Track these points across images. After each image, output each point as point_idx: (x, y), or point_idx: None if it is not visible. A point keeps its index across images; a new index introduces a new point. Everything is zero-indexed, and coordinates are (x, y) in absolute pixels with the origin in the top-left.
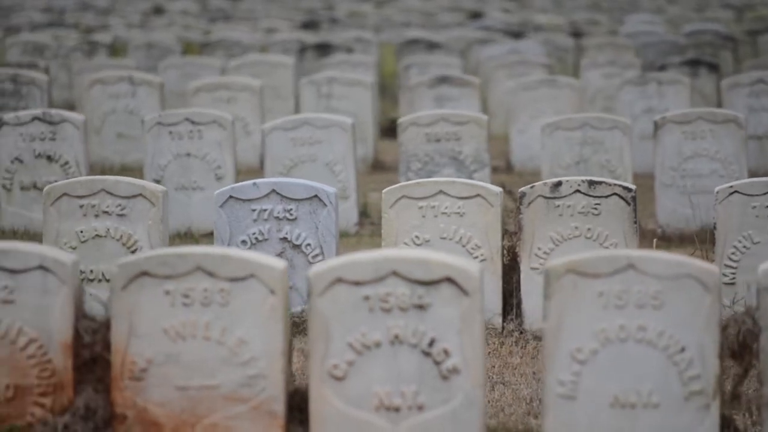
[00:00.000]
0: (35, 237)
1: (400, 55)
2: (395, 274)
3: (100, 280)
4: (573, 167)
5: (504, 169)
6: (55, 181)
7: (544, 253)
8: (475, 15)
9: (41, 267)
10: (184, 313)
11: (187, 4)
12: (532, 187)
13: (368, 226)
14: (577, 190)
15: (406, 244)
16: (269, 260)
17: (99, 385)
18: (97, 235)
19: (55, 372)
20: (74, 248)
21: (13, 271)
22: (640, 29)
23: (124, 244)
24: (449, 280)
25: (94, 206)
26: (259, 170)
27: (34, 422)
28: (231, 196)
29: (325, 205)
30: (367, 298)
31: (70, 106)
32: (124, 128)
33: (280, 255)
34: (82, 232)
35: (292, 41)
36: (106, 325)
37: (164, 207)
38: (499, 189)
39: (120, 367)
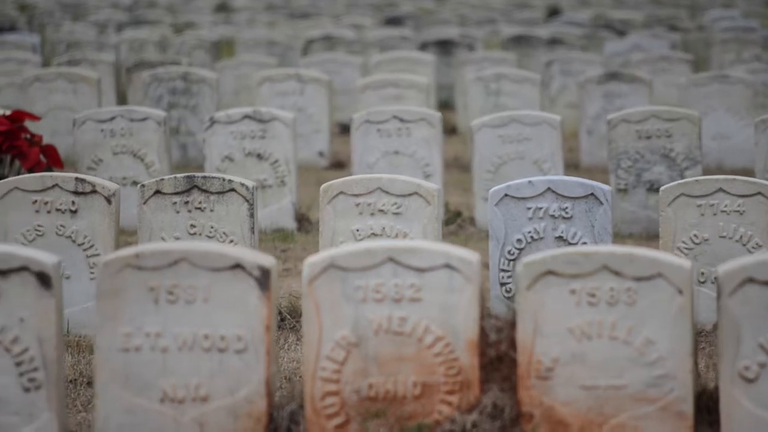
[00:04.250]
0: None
1: (508, 51)
2: None
3: None
4: None
5: None
6: (265, 180)
7: None
8: (554, 12)
9: (447, 265)
10: (589, 312)
11: (246, 1)
12: None
13: None
14: None
15: (683, 242)
16: (677, 260)
17: (505, 384)
18: (373, 234)
19: (462, 370)
20: None
21: (419, 270)
22: (732, 24)
23: None
24: None
25: (370, 205)
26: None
27: (441, 420)
28: (506, 195)
29: (601, 203)
30: None
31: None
32: None
33: None
34: (358, 230)
35: (394, 38)
36: (511, 323)
37: (439, 205)
38: None
39: (526, 366)
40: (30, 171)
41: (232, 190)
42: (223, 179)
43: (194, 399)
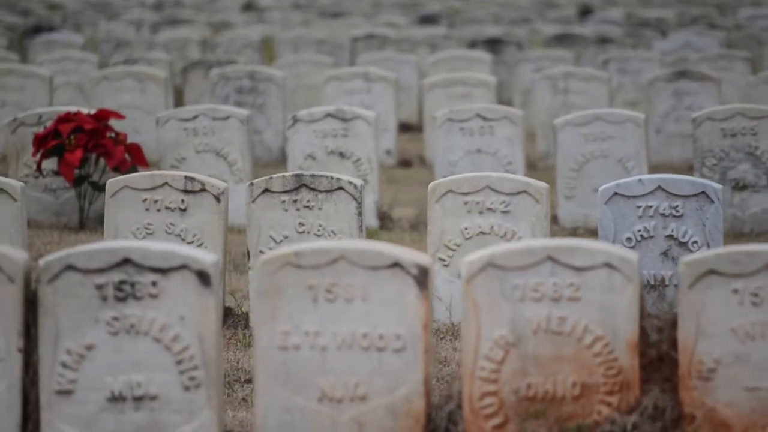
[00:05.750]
0: None
1: (550, 49)
2: None
3: None
4: None
5: None
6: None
7: None
8: (586, 10)
9: (607, 264)
10: (753, 312)
11: (272, 0)
12: None
13: None
14: None
15: None
16: None
17: (665, 385)
18: (481, 232)
19: (622, 370)
20: (458, 245)
21: (579, 269)
22: None
23: (507, 242)
24: None
25: (478, 203)
26: None
27: (600, 421)
28: (616, 193)
29: (712, 201)
30: None
31: None
32: None
33: (665, 253)
34: (466, 229)
35: (438, 36)
36: (672, 323)
37: (547, 203)
38: None
39: (687, 367)
40: (115, 170)
41: (341, 188)
42: (331, 177)
43: (353, 398)
